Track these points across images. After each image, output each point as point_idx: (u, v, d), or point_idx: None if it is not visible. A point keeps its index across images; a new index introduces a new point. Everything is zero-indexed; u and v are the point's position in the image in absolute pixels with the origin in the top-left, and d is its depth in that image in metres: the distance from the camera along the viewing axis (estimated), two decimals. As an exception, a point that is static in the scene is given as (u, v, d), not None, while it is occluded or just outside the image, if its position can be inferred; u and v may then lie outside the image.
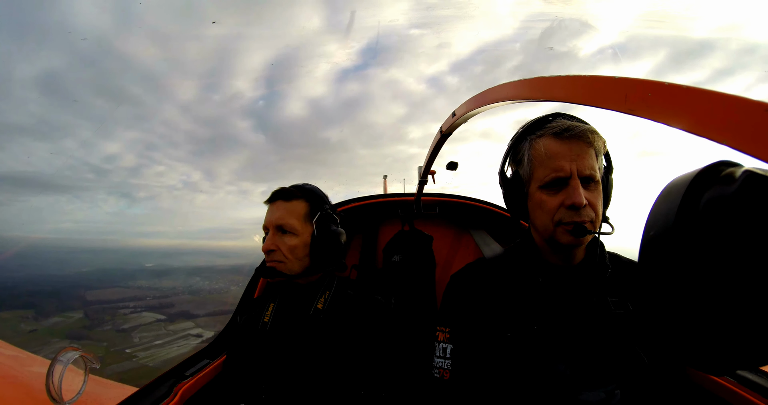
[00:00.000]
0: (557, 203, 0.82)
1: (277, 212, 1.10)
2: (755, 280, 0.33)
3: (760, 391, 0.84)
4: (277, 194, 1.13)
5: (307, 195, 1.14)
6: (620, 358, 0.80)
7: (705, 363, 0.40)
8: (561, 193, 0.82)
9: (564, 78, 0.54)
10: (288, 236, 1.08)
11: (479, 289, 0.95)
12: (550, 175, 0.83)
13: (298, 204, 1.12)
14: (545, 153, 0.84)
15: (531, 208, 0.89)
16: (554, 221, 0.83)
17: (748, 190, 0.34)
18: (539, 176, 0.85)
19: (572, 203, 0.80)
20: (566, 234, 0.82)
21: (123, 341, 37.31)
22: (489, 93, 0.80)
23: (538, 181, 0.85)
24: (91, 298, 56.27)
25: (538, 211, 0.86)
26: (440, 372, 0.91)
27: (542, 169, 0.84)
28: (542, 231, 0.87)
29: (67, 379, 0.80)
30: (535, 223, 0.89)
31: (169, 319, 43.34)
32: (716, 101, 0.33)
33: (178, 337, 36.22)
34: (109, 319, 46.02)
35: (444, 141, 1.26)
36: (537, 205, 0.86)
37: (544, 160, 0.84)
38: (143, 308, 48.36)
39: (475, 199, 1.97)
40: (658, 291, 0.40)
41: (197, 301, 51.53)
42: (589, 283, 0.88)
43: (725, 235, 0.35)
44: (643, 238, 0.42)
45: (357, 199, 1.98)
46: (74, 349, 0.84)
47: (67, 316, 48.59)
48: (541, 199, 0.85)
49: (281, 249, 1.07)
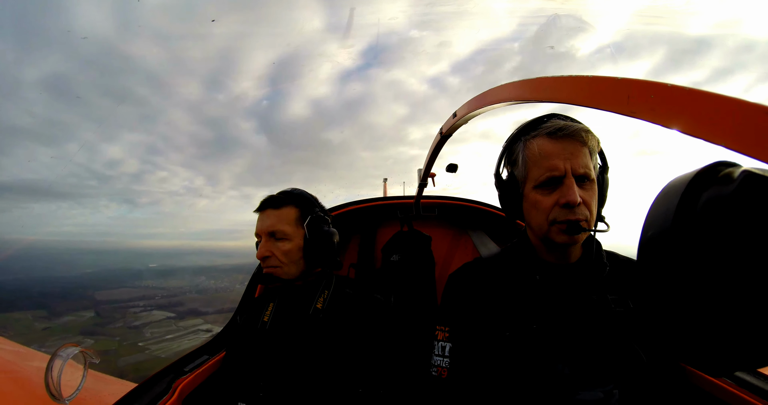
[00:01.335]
0: (552, 202, 0.83)
1: (267, 220, 1.12)
2: (754, 281, 0.33)
3: (758, 392, 0.84)
4: (267, 203, 1.15)
5: (296, 200, 1.17)
6: (619, 357, 0.81)
7: (703, 363, 0.41)
8: (555, 193, 0.83)
9: (565, 79, 0.54)
10: (281, 242, 1.11)
11: (477, 288, 0.96)
12: (544, 175, 0.83)
13: (287, 210, 1.14)
14: (539, 153, 0.84)
15: (526, 208, 0.89)
16: (549, 220, 0.84)
17: (746, 190, 0.34)
18: (534, 176, 0.85)
19: (566, 202, 0.81)
20: (560, 233, 0.83)
21: (135, 336, 38.34)
22: (490, 94, 0.80)
23: (533, 181, 0.86)
24: (101, 297, 57.88)
25: (533, 211, 0.87)
26: (438, 370, 0.91)
27: (536, 168, 0.85)
28: (537, 231, 0.88)
29: (66, 374, 0.79)
30: (530, 223, 0.90)
31: (178, 316, 44.67)
32: (719, 104, 0.33)
33: (188, 332, 37.46)
34: (119, 317, 47.23)
35: (444, 142, 1.27)
36: (532, 205, 0.87)
37: (538, 160, 0.84)
38: (153, 307, 49.74)
39: (473, 201, 1.98)
40: (657, 291, 0.41)
41: (204, 300, 53.08)
42: (587, 281, 0.89)
43: (723, 235, 0.35)
44: (642, 238, 0.43)
45: (356, 202, 1.99)
46: (74, 345, 0.84)
47: (79, 315, 49.90)
48: (536, 199, 0.85)
49: (275, 254, 1.10)
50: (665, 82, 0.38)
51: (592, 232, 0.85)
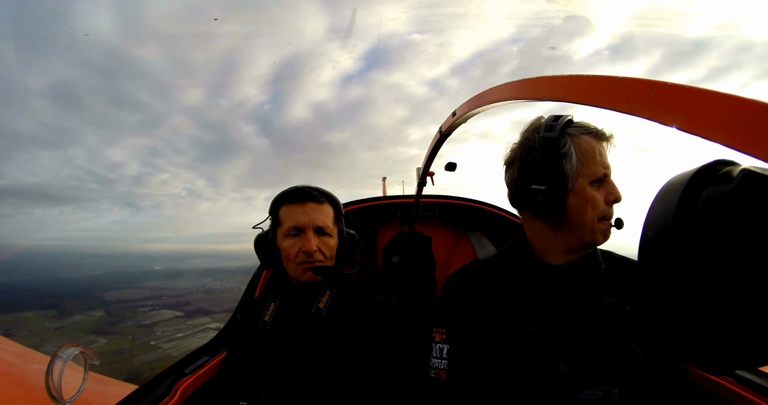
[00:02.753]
0: (602, 199, 0.85)
1: (314, 214, 1.12)
2: (754, 280, 0.33)
3: (759, 390, 0.84)
4: (308, 196, 1.14)
5: (331, 199, 1.20)
6: (618, 356, 0.81)
7: (704, 362, 0.42)
8: (602, 190, 0.86)
9: (565, 78, 0.55)
10: (326, 237, 1.13)
11: (474, 291, 0.96)
12: (601, 171, 0.85)
13: (327, 207, 1.16)
14: (593, 149, 0.86)
15: (576, 204, 0.86)
16: (599, 216, 0.86)
17: (745, 188, 0.34)
18: (590, 172, 0.85)
19: (615, 198, 0.85)
20: (603, 234, 0.86)
21: (146, 335, 39.23)
22: (490, 93, 0.80)
23: (589, 177, 0.85)
24: (110, 298, 58.88)
25: (587, 207, 0.86)
26: (437, 372, 0.92)
27: (593, 165, 0.85)
28: (586, 228, 0.86)
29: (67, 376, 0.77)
30: (578, 219, 0.87)
31: (187, 315, 45.34)
32: (718, 102, 0.33)
33: (198, 331, 38.20)
34: (129, 316, 47.90)
35: (443, 141, 1.28)
36: (587, 201, 0.86)
37: (594, 157, 0.85)
38: (161, 306, 50.49)
39: (474, 200, 1.98)
40: (658, 291, 0.41)
41: (212, 300, 54.11)
42: (584, 281, 0.89)
43: (723, 235, 0.35)
44: (642, 239, 0.43)
45: (356, 202, 1.99)
46: (74, 345, 0.83)
47: (89, 315, 50.83)
48: (593, 195, 0.85)
49: (322, 249, 1.11)
50: (665, 81, 0.39)
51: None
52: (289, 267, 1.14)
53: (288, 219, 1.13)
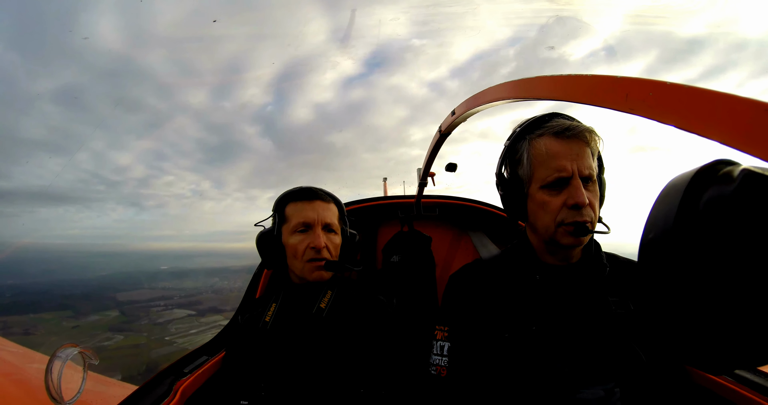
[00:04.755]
0: (560, 203, 0.83)
1: (323, 211, 1.14)
2: (755, 280, 0.33)
3: (759, 390, 0.84)
4: (316, 194, 1.17)
5: (335, 199, 1.22)
6: (620, 355, 0.81)
7: (704, 362, 0.41)
8: (563, 193, 0.83)
9: (564, 77, 0.55)
10: (332, 235, 1.15)
11: (477, 290, 0.96)
12: (552, 175, 0.83)
13: (333, 206, 1.19)
14: (546, 152, 0.83)
15: (532, 208, 0.88)
16: (556, 221, 0.83)
17: (747, 189, 0.33)
18: (541, 176, 0.85)
19: (575, 203, 0.80)
20: (567, 235, 0.83)
21: (162, 332, 40.48)
22: (489, 92, 0.80)
23: (539, 181, 0.85)
24: (123, 298, 60.65)
25: (540, 211, 0.86)
26: (437, 369, 0.93)
27: (543, 169, 0.84)
28: (543, 232, 0.87)
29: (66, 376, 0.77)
30: (535, 223, 0.89)
31: (199, 313, 46.45)
32: (717, 101, 0.33)
33: (211, 327, 39.73)
34: (144, 315, 49.30)
35: (443, 141, 1.27)
36: (539, 205, 0.86)
37: (545, 160, 0.83)
38: (173, 306, 51.85)
39: (474, 201, 1.98)
40: (659, 293, 0.41)
41: (221, 299, 55.33)
42: (587, 282, 0.88)
43: (725, 236, 0.35)
44: (643, 240, 0.43)
45: (357, 202, 2.00)
46: (73, 345, 0.82)
47: (105, 315, 52.27)
48: (543, 200, 0.85)
49: (329, 247, 1.12)
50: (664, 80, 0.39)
51: (594, 233, 0.85)
52: (296, 265, 1.14)
53: (296, 215, 1.14)
